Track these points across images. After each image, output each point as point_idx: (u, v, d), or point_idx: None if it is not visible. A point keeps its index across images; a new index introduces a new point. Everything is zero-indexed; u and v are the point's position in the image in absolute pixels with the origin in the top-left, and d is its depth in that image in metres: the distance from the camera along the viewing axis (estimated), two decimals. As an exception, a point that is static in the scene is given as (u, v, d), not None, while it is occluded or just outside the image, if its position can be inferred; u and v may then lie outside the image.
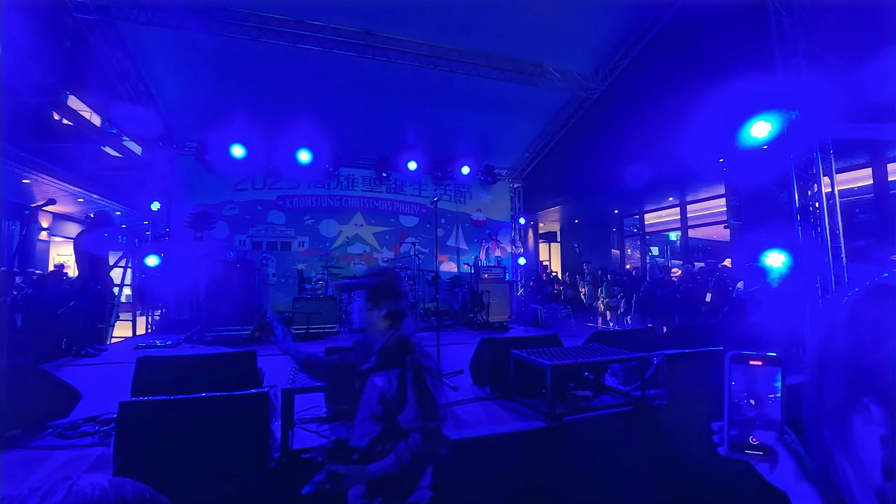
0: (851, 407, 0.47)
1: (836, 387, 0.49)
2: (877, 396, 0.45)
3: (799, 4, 5.27)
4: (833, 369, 0.50)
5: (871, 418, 0.45)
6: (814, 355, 0.54)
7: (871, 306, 0.48)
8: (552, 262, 19.32)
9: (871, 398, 0.45)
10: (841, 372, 0.49)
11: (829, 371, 0.51)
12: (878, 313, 0.47)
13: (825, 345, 0.52)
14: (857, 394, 0.47)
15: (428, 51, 6.99)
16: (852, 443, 0.47)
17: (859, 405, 0.46)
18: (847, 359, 0.49)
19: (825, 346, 0.52)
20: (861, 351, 0.47)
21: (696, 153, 8.26)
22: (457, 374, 4.18)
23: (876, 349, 0.45)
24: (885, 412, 0.44)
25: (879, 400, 0.44)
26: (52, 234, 12.62)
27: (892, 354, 0.43)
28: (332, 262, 8.73)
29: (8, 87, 7.01)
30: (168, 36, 6.25)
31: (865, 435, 0.46)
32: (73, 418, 2.96)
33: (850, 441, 0.48)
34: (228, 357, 3.21)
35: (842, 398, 0.48)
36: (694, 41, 8.71)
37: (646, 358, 3.40)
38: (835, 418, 0.49)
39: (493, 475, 2.63)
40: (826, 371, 0.51)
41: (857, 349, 0.47)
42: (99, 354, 5.62)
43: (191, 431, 2.16)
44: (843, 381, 0.49)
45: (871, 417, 0.45)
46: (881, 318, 0.46)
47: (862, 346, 0.47)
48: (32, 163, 8.71)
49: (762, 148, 5.76)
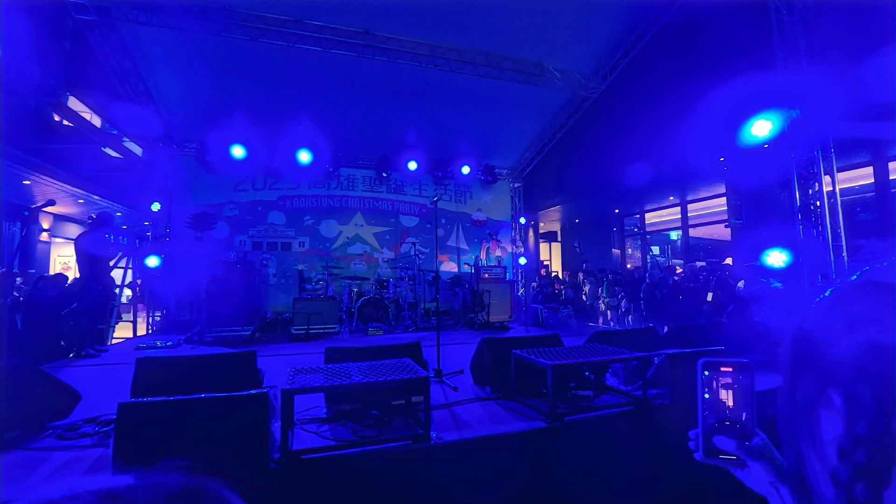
0: (818, 400, 0.48)
1: (806, 384, 0.51)
2: (840, 387, 0.46)
3: (800, 2, 5.26)
4: (804, 366, 0.51)
5: (833, 408, 0.46)
6: (788, 354, 0.54)
7: (841, 303, 0.50)
8: (553, 261, 19.31)
9: (834, 389, 0.46)
10: (811, 368, 0.50)
11: (802, 367, 0.52)
12: (849, 308, 0.48)
13: (798, 343, 0.53)
14: (822, 385, 0.48)
15: (428, 50, 6.99)
16: (819, 436, 0.48)
17: (825, 397, 0.47)
18: (816, 355, 0.50)
19: (798, 345, 0.53)
20: (828, 346, 0.48)
21: (697, 152, 8.25)
22: (457, 374, 4.18)
23: (841, 341, 0.46)
24: (844, 400, 0.45)
25: (841, 389, 0.46)
26: (52, 235, 12.63)
27: (857, 346, 0.45)
28: (332, 262, 8.72)
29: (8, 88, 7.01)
30: (168, 36, 6.25)
31: (830, 426, 0.47)
32: (72, 419, 2.95)
33: (817, 434, 0.49)
34: (228, 358, 3.20)
35: (811, 392, 0.50)
36: (694, 40, 8.70)
37: (647, 357, 3.39)
38: (804, 413, 0.50)
39: (494, 475, 2.62)
40: (798, 368, 0.52)
41: (825, 345, 0.48)
42: (99, 355, 5.62)
43: (190, 432, 2.16)
44: (812, 377, 0.50)
45: (834, 407, 0.46)
46: (851, 313, 0.47)
47: (830, 339, 0.48)
48: (33, 164, 8.72)
49: (763, 147, 5.75)
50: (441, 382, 3.96)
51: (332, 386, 2.57)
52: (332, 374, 2.76)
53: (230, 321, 6.59)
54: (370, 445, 2.57)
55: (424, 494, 2.43)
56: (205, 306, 6.76)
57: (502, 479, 2.62)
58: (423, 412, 2.70)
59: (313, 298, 7.38)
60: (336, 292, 8.02)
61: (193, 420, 2.19)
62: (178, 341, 6.47)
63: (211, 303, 6.66)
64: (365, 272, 9.44)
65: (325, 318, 7.16)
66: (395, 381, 2.64)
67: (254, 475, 2.19)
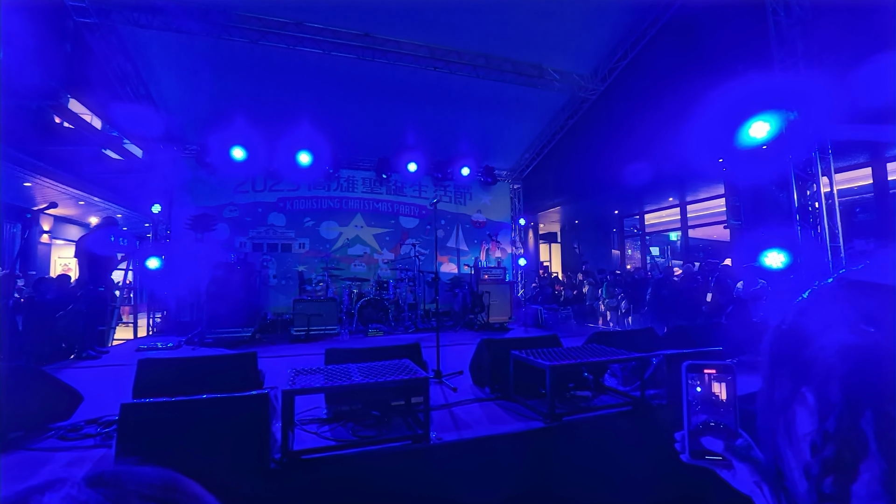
0: (794, 397, 0.50)
1: (783, 382, 0.52)
2: (813, 385, 0.47)
3: (797, 4, 5.29)
4: (781, 364, 0.53)
5: (807, 406, 0.48)
6: (766, 352, 0.56)
7: (818, 302, 0.52)
8: (552, 262, 19.32)
9: (807, 388, 0.48)
10: (787, 366, 0.52)
11: (779, 365, 0.53)
12: (824, 308, 0.50)
13: (776, 343, 0.55)
14: (797, 384, 0.49)
15: (427, 52, 7.01)
16: (794, 432, 0.50)
17: (799, 395, 0.49)
18: (792, 354, 0.51)
19: (776, 345, 0.55)
20: (803, 345, 0.49)
21: (696, 153, 8.27)
22: (457, 374, 4.19)
23: (815, 340, 0.48)
24: (816, 399, 0.47)
25: (815, 388, 0.47)
26: (53, 237, 12.65)
27: (829, 345, 0.46)
28: (332, 263, 8.74)
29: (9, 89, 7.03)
30: (168, 39, 6.27)
31: (803, 422, 0.48)
32: (74, 420, 2.97)
33: (792, 430, 0.50)
34: (229, 359, 3.23)
35: (787, 390, 0.51)
36: (693, 42, 8.73)
37: (645, 358, 3.41)
38: (781, 410, 0.52)
39: (493, 475, 2.64)
40: (776, 366, 0.54)
41: (800, 344, 0.50)
42: (100, 357, 5.63)
43: (192, 433, 2.17)
44: (788, 375, 0.52)
45: (807, 405, 0.48)
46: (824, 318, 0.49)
47: (805, 339, 0.50)
48: (33, 166, 8.74)
49: (761, 148, 5.77)
50: (441, 383, 3.98)
51: (333, 387, 2.59)
52: (332, 375, 2.78)
53: (230, 322, 6.61)
54: (370, 446, 2.59)
55: (424, 494, 2.45)
56: (205, 308, 6.78)
57: (501, 480, 2.63)
58: (422, 413, 2.72)
59: (313, 300, 7.39)
60: (336, 293, 8.04)
61: (195, 421, 2.21)
62: (179, 342, 6.48)
63: (211, 304, 6.67)
64: (365, 273, 9.46)
65: (326, 319, 7.18)
66: (395, 382, 2.66)
67: (255, 475, 2.20)
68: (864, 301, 0.46)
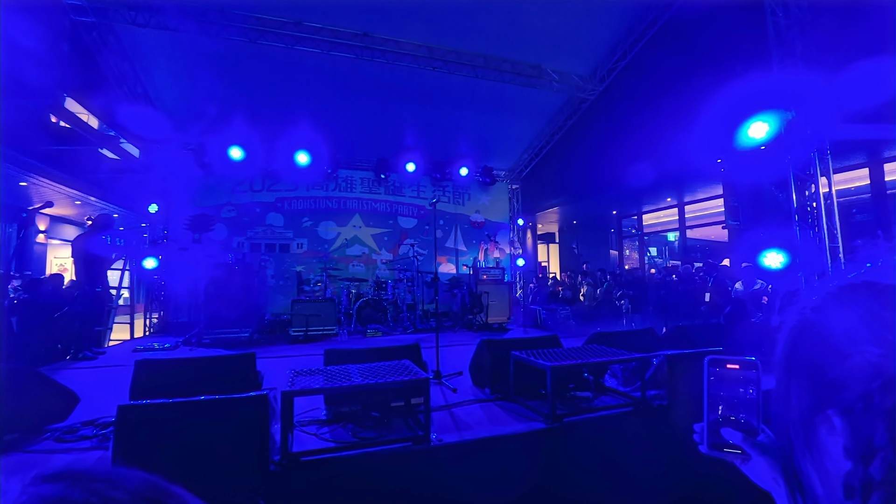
0: (816, 416, 0.47)
1: (802, 393, 0.49)
2: (840, 409, 0.44)
3: (796, 5, 5.30)
4: (800, 374, 0.50)
5: (834, 430, 0.44)
6: (781, 358, 0.53)
7: (836, 311, 0.48)
8: (551, 262, 19.34)
9: (834, 411, 0.45)
10: (807, 378, 0.49)
11: (796, 376, 0.51)
12: (844, 320, 0.46)
13: (792, 349, 0.52)
14: (822, 404, 0.46)
15: (426, 52, 7.00)
16: (818, 450, 0.47)
17: (823, 416, 0.46)
18: (813, 367, 0.48)
19: (792, 351, 0.52)
20: (826, 361, 0.46)
21: (694, 154, 8.29)
22: (456, 375, 4.18)
23: (841, 361, 0.44)
24: (847, 426, 0.43)
25: (843, 413, 0.44)
26: (49, 237, 12.58)
27: (857, 367, 0.43)
28: (330, 263, 8.72)
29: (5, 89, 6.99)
30: (166, 38, 6.25)
31: (830, 445, 0.45)
32: (71, 422, 2.94)
33: (815, 448, 0.48)
34: (227, 360, 3.20)
35: (807, 405, 0.48)
36: (691, 42, 8.74)
37: (646, 358, 3.40)
38: (801, 423, 0.49)
39: (494, 476, 2.62)
40: (793, 376, 0.51)
41: (822, 358, 0.46)
42: (97, 357, 5.60)
43: (190, 434, 2.15)
44: (808, 389, 0.48)
45: (835, 430, 0.44)
46: (847, 327, 0.45)
47: (827, 355, 0.46)
48: (30, 165, 8.69)
49: (760, 148, 5.77)
50: (440, 384, 3.96)
51: (332, 388, 2.57)
52: (331, 375, 2.75)
53: (229, 323, 6.57)
54: (370, 447, 2.57)
55: (424, 496, 2.44)
56: (203, 308, 6.74)
57: (502, 481, 2.62)
58: (422, 414, 2.70)
59: (312, 300, 7.36)
60: (335, 294, 8.01)
61: (193, 422, 2.18)
62: (177, 343, 6.44)
63: (209, 305, 6.64)
64: (363, 274, 9.44)
65: (324, 319, 7.15)
66: (395, 383, 2.64)
67: (254, 477, 2.18)
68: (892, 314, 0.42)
